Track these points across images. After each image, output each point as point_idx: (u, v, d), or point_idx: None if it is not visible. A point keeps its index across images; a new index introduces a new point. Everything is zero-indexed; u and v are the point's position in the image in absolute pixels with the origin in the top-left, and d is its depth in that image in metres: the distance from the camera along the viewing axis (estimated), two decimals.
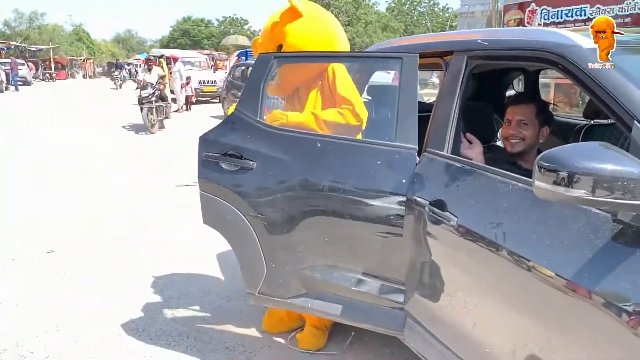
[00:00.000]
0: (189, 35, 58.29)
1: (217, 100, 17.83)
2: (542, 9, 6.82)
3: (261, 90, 2.43)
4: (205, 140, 2.44)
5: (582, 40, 1.67)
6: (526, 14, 6.92)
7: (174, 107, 16.18)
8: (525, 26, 6.91)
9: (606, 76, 1.51)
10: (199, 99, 18.35)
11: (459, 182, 1.90)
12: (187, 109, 16.43)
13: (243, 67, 13.57)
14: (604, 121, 2.70)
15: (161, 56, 17.45)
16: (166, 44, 57.95)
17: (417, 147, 2.10)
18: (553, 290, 1.40)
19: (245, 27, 57.34)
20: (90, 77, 47.42)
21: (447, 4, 49.91)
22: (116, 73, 31.54)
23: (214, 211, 2.42)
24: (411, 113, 2.13)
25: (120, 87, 28.77)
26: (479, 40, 2.04)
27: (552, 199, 1.30)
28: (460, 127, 2.08)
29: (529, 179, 1.40)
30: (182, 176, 6.48)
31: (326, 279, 2.27)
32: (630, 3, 5.69)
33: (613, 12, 5.89)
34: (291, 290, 2.35)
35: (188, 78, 16.29)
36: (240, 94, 6.17)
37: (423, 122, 2.16)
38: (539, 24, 6.65)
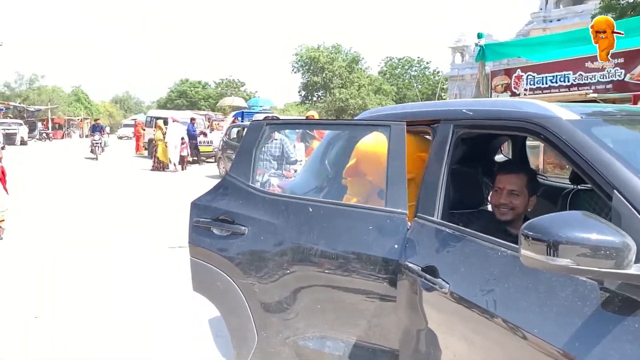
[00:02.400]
0: (186, 96, 59.68)
1: (213, 160, 18.04)
2: (528, 75, 7.10)
3: (253, 156, 2.48)
4: (197, 206, 2.47)
5: (561, 111, 1.74)
6: (513, 80, 7.19)
7: (171, 167, 16.41)
8: (513, 91, 7.17)
9: (585, 147, 1.57)
10: (195, 158, 18.55)
11: (450, 248, 1.91)
12: (182, 169, 16.61)
13: (239, 128, 13.83)
14: (590, 186, 2.76)
15: (158, 118, 17.76)
16: (163, 104, 59.22)
17: (407, 212, 2.13)
18: (545, 358, 1.40)
19: (242, 88, 58.86)
20: (87, 136, 48.07)
21: (437, 68, 51.74)
22: (96, 138, 21.08)
23: (205, 278, 2.41)
24: (400, 179, 2.18)
25: (97, 158, 20.24)
26: (464, 110, 2.12)
27: (539, 267, 1.32)
28: (449, 192, 2.12)
29: (517, 246, 1.42)
30: None
31: (318, 348, 2.23)
32: (610, 70, 5.94)
33: (595, 79, 6.14)
34: None
35: (183, 138, 16.57)
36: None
37: None
38: (525, 89, 6.91)
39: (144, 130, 23.63)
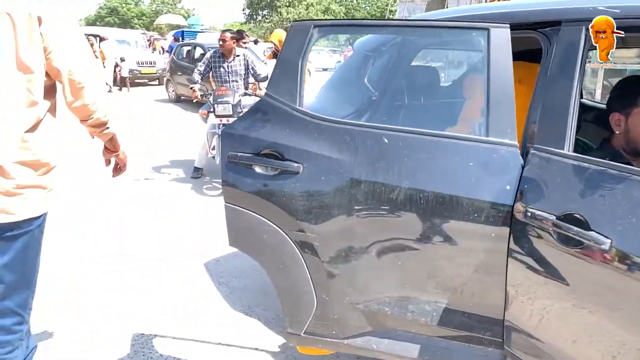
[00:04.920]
0: (117, 13, 54.86)
1: (157, 83, 16.83)
2: None
3: (299, 69, 1.87)
4: (230, 136, 1.86)
5: None
6: None
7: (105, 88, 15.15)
8: None
9: None
10: (137, 81, 17.10)
11: (605, 191, 1.45)
12: (127, 90, 15.31)
13: (189, 47, 12.59)
14: None
15: (95, 36, 16.10)
16: (92, 22, 54.24)
17: (517, 143, 1.65)
18: None
19: (179, 5, 54.72)
20: None
21: None
22: None
23: (245, 229, 1.86)
24: (507, 100, 1.67)
25: None
26: (601, 7, 1.60)
27: None
28: (579, 118, 1.64)
29: None
30: None
31: (399, 314, 1.78)
32: None
33: None
34: (350, 328, 1.84)
35: (122, 59, 15.17)
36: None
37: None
38: None
39: None
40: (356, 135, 1.77)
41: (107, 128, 1.71)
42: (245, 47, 6.19)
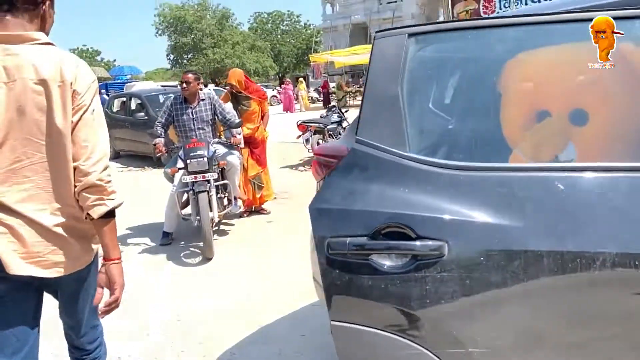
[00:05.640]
0: None
1: None
2: None
3: (401, 100, 1.27)
4: (326, 213, 1.20)
5: None
6: (481, 3, 6.29)
7: None
8: (481, 16, 6.35)
9: None
10: None
11: None
12: None
13: (124, 99, 11.62)
14: None
15: None
16: None
17: None
18: None
19: (98, 58, 52.87)
20: None
21: (308, 21, 50.54)
22: None
23: (369, 356, 1.19)
24: None
25: None
26: None
27: None
28: None
29: None
30: None
31: None
32: None
33: None
34: None
35: None
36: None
37: None
38: (499, 12, 6.11)
39: None
40: (515, 185, 1.18)
41: (102, 200, 1.43)
42: (201, 90, 5.47)
